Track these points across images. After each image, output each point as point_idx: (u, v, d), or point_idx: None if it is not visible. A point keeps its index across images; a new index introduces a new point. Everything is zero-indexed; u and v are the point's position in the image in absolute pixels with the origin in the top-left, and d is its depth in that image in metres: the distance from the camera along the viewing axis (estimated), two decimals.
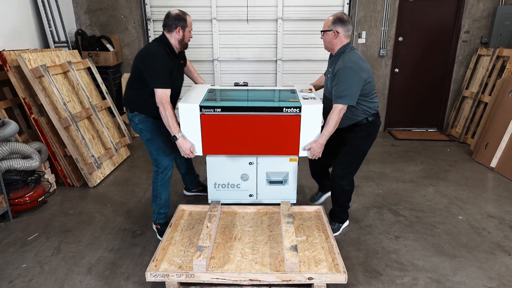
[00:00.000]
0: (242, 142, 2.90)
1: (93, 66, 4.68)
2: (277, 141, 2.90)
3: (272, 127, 2.85)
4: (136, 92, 2.84)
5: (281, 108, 2.81)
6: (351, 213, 3.47)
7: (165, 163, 2.99)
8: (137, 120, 2.90)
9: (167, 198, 3.13)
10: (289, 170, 3.32)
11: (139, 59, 2.73)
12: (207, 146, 2.91)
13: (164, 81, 2.67)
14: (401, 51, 5.85)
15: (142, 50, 2.76)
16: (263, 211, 3.33)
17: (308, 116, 2.81)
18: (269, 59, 5.75)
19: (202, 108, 2.79)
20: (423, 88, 6.06)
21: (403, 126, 6.28)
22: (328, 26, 2.75)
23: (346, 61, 2.65)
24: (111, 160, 4.51)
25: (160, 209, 3.13)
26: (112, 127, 4.77)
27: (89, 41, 5.42)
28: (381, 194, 3.90)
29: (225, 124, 2.84)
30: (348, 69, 2.62)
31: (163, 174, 3.02)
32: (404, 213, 3.51)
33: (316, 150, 2.83)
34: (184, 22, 2.75)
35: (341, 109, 2.68)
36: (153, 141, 2.94)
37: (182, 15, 2.75)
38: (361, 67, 2.66)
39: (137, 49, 5.69)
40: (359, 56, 2.73)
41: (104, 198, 3.81)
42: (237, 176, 3.36)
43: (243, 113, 2.81)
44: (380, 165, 4.72)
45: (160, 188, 3.06)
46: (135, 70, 2.77)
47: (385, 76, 5.91)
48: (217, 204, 3.26)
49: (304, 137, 2.88)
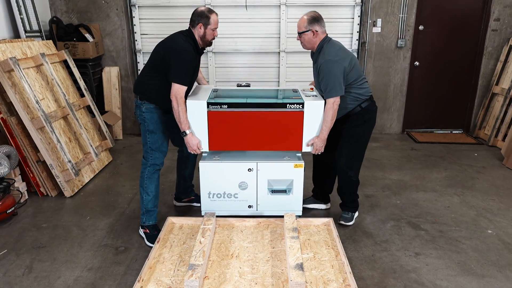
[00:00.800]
0: (247, 138, 3.25)
1: (70, 58, 4.72)
2: (281, 137, 3.23)
3: (276, 123, 3.21)
4: (151, 81, 3.10)
5: (284, 104, 3.17)
6: (364, 227, 3.50)
7: (156, 159, 3.21)
8: (144, 109, 3.12)
9: (156, 194, 3.27)
10: (294, 177, 3.36)
11: (165, 49, 3.02)
12: (214, 142, 3.25)
13: (185, 78, 2.99)
14: (422, 42, 5.89)
15: (169, 40, 3.07)
16: (264, 224, 3.35)
17: (311, 111, 3.17)
18: (271, 50, 5.79)
19: (209, 104, 3.15)
20: (446, 84, 6.10)
21: (424, 128, 6.31)
22: (304, 27, 3.14)
23: (325, 55, 3.07)
24: (91, 166, 4.54)
25: (148, 204, 3.25)
26: (91, 128, 4.80)
27: (66, 30, 5.45)
28: (399, 205, 3.93)
29: (231, 120, 3.19)
30: (327, 62, 3.04)
31: (151, 168, 3.22)
32: (425, 226, 3.54)
33: (318, 144, 3.21)
34: (206, 20, 3.06)
35: (334, 102, 3.08)
36: (153, 134, 3.15)
37: (207, 13, 3.06)
38: (340, 56, 3.06)
39: (120, 39, 5.74)
40: (337, 46, 3.15)
41: (83, 209, 3.84)
42: (235, 184, 3.38)
43: (248, 109, 3.17)
44: (398, 172, 4.75)
45: (147, 181, 3.23)
46: (156, 58, 3.07)
47: (403, 70, 5.95)
48: (211, 217, 3.28)
49: (307, 132, 3.24)
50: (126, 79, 5.90)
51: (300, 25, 3.15)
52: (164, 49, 3.03)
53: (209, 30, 3.08)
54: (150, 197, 3.27)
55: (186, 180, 3.77)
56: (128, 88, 5.93)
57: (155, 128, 3.16)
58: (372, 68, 5.90)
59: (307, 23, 3.12)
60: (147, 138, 3.18)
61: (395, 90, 6.03)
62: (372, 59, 5.86)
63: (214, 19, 3.07)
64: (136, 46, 5.74)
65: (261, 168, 3.34)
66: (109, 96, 5.83)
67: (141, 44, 5.75)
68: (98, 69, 5.75)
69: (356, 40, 5.72)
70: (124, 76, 5.90)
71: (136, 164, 4.87)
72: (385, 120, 6.18)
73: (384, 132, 6.25)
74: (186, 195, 3.84)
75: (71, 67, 4.72)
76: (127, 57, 5.83)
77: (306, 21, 3.12)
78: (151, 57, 3.14)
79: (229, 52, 5.80)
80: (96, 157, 4.49)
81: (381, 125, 6.19)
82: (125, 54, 5.82)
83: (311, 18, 3.12)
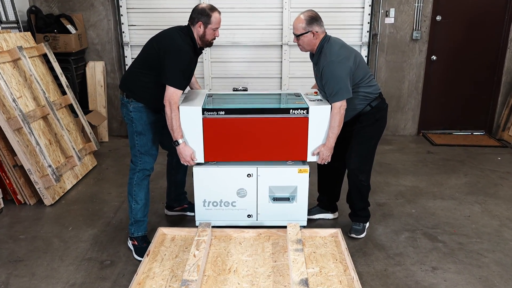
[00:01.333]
0: (246, 147, 3.23)
1: (50, 52, 4.73)
2: (284, 145, 3.24)
3: (279, 130, 3.21)
4: (142, 77, 3.07)
5: (287, 110, 3.17)
6: (376, 239, 3.50)
7: (146, 163, 3.21)
8: (132, 108, 3.10)
9: (146, 202, 3.28)
10: (298, 183, 3.36)
11: (161, 45, 3.00)
12: (210, 152, 3.25)
13: (181, 81, 3.00)
14: (440, 34, 5.90)
15: (166, 37, 3.05)
16: (265, 236, 3.35)
17: (316, 117, 3.18)
18: (272, 43, 5.80)
19: (205, 111, 3.14)
20: (467, 80, 6.10)
21: (442, 129, 6.32)
22: (303, 28, 3.12)
23: (327, 56, 3.08)
24: (73, 171, 4.54)
25: (138, 214, 3.25)
26: (74, 129, 4.80)
27: (45, 21, 5.46)
28: (414, 215, 3.93)
29: (229, 128, 3.19)
30: (331, 64, 3.04)
31: (140, 173, 3.22)
32: (443, 238, 3.54)
33: (325, 154, 3.23)
34: (207, 18, 3.03)
35: (341, 106, 3.08)
36: (141, 136, 3.14)
37: (208, 10, 3.04)
38: (343, 55, 3.07)
39: (105, 30, 5.75)
40: (338, 44, 3.15)
41: (64, 219, 3.83)
42: (232, 191, 3.38)
43: (248, 115, 3.18)
44: (413, 178, 4.75)
45: (136, 188, 3.23)
46: (150, 54, 3.05)
47: (419, 65, 5.95)
48: (207, 227, 3.28)
49: (313, 140, 3.24)
50: (113, 75, 5.91)
51: (298, 27, 3.13)
52: (159, 45, 3.01)
53: (210, 29, 3.06)
54: (140, 206, 3.26)
55: (178, 187, 3.77)
56: (114, 85, 5.94)
57: (144, 130, 3.15)
58: (385, 63, 5.91)
59: (306, 24, 3.10)
60: (135, 141, 3.17)
61: (410, 87, 6.03)
62: (384, 53, 5.87)
63: (216, 17, 3.05)
64: (123, 39, 5.75)
65: (261, 174, 3.34)
66: (94, 93, 5.84)
67: (129, 37, 5.76)
68: (81, 64, 5.75)
69: (366, 32, 5.73)
70: (110, 72, 5.91)
71: (124, 169, 4.86)
72: (398, 120, 6.18)
73: (397, 133, 6.25)
74: (179, 203, 3.84)
75: (51, 61, 4.73)
76: (113, 51, 5.84)
77: (304, 22, 3.10)
78: (144, 51, 3.12)
79: (227, 45, 5.81)
80: (79, 161, 4.48)
81: (395, 126, 6.19)
82: (111, 48, 5.83)
83: (309, 18, 3.11)
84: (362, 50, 5.77)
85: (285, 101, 3.50)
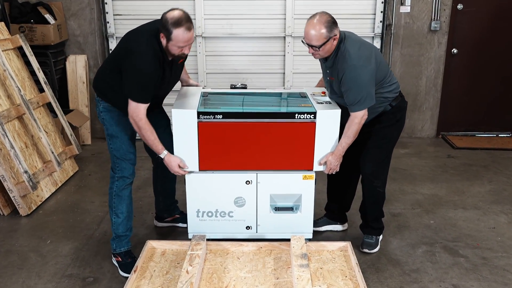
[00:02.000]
0: (246, 155, 3.23)
1: (26, 45, 4.74)
2: (288, 154, 3.24)
3: (282, 136, 3.22)
4: (109, 78, 3.07)
5: (293, 114, 3.17)
6: (390, 253, 3.52)
7: (124, 170, 3.21)
8: (102, 108, 3.14)
9: (128, 215, 3.29)
10: (303, 191, 3.38)
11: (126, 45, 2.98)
12: (205, 160, 3.25)
13: (143, 95, 2.93)
14: (461, 24, 5.91)
15: (131, 39, 3.00)
16: (267, 250, 3.37)
17: (324, 123, 3.18)
18: (274, 35, 5.82)
19: (201, 114, 3.13)
20: (492, 77, 6.11)
21: (464, 130, 6.33)
22: (324, 37, 2.99)
23: (347, 59, 3.01)
24: (52, 178, 4.56)
25: (119, 228, 3.26)
26: (53, 131, 4.82)
27: (21, 10, 5.48)
28: (432, 226, 3.95)
29: (227, 133, 3.19)
30: (353, 69, 2.99)
31: (119, 182, 3.23)
32: (465, 252, 3.56)
33: (333, 163, 3.23)
34: (167, 33, 2.84)
35: (362, 116, 3.08)
36: (114, 138, 3.16)
37: (170, 26, 2.81)
38: (364, 56, 3.02)
39: (88, 20, 5.77)
40: (357, 43, 3.09)
41: (42, 231, 3.85)
42: (229, 200, 3.40)
43: (248, 120, 3.18)
44: (432, 185, 4.77)
45: (116, 200, 3.24)
46: (117, 53, 3.04)
47: (438, 59, 5.97)
48: (201, 240, 3.29)
49: (320, 148, 3.24)
50: (96, 70, 5.88)
51: (318, 37, 2.97)
52: (125, 44, 3.00)
53: (173, 46, 2.88)
54: (121, 220, 3.27)
55: (167, 196, 3.78)
56: None
57: (115, 131, 3.16)
58: (400, 57, 5.93)
59: (327, 31, 2.96)
60: (110, 145, 3.21)
61: (428, 83, 6.05)
62: (399, 45, 5.89)
63: (177, 36, 2.82)
64: (108, 30, 5.77)
65: (261, 180, 3.35)
66: (75, 91, 5.86)
67: (114, 27, 5.79)
68: (61, 57, 5.77)
69: (379, 22, 5.75)
70: (93, 67, 5.93)
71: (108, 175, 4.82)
72: (415, 121, 6.20)
73: (414, 135, 6.26)
74: (169, 213, 3.86)
75: (27, 55, 4.75)
76: (96, 43, 5.86)
77: (326, 30, 2.95)
78: (115, 48, 3.13)
79: (223, 37, 5.84)
80: (59, 166, 4.50)
81: (411, 127, 6.21)
82: (94, 40, 5.85)
83: (330, 24, 2.96)
84: (374, 42, 5.79)
85: (290, 103, 3.49)
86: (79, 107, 5.87)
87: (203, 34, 5.78)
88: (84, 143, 5.88)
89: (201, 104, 3.30)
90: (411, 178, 4.92)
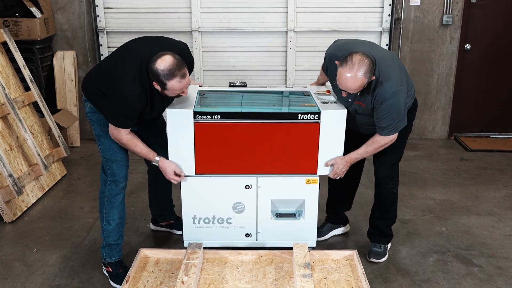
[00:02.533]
0: (246, 158, 3.23)
1: (11, 40, 4.75)
2: (290, 156, 3.23)
3: (284, 138, 3.22)
4: (99, 81, 3.06)
5: (295, 114, 3.16)
6: (399, 262, 3.52)
7: (115, 172, 3.21)
8: (89, 108, 3.17)
9: (120, 222, 3.28)
10: (306, 197, 3.38)
11: (115, 67, 2.94)
12: (202, 163, 3.25)
13: (123, 122, 2.96)
14: (475, 18, 5.91)
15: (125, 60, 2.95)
16: (267, 259, 3.36)
17: (329, 124, 3.17)
18: (276, 29, 5.83)
19: (197, 114, 3.13)
20: (507, 74, 6.12)
21: (478, 131, 6.33)
22: (364, 84, 2.88)
23: (384, 87, 2.93)
24: (38, 182, 4.56)
25: (110, 236, 3.25)
26: (39, 132, 4.82)
27: (5, 3, 5.48)
28: (444, 234, 3.95)
29: (225, 135, 3.20)
30: (393, 98, 2.94)
31: (111, 186, 3.22)
32: (479, 261, 3.56)
33: (340, 168, 3.25)
34: (162, 85, 2.82)
35: (391, 140, 3.12)
36: (103, 139, 3.17)
37: (163, 78, 2.78)
38: (398, 76, 2.99)
39: (77, 14, 5.76)
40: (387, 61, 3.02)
41: (28, 238, 3.85)
42: (228, 205, 3.40)
43: (247, 120, 3.17)
44: (443, 190, 4.77)
45: (107, 205, 3.23)
46: (111, 61, 3.06)
47: (450, 56, 5.98)
48: (197, 248, 3.29)
49: (324, 150, 3.24)
50: (85, 67, 5.93)
51: (358, 88, 2.89)
52: (117, 63, 2.96)
53: (168, 93, 2.90)
54: (112, 227, 3.26)
55: (161, 200, 3.79)
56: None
57: (103, 132, 3.15)
58: (409, 53, 5.94)
59: (367, 76, 2.85)
60: (98, 145, 3.23)
61: (440, 81, 6.06)
62: (408, 40, 5.90)
63: (173, 87, 2.83)
64: (98, 24, 5.77)
65: (262, 185, 3.36)
66: (63, 89, 5.86)
67: (104, 21, 5.79)
68: (48, 54, 5.77)
69: (388, 16, 5.75)
70: (82, 63, 5.94)
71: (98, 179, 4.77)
72: (426, 121, 6.21)
73: (424, 137, 6.27)
74: (164, 218, 3.87)
75: (12, 51, 4.75)
76: (86, 38, 5.87)
77: (366, 80, 2.86)
78: (110, 56, 3.14)
79: (221, 32, 5.84)
80: (46, 170, 4.50)
81: (421, 128, 6.21)
82: (83, 34, 5.85)
83: (370, 67, 2.84)
84: (382, 37, 5.80)
85: (292, 103, 3.49)
86: (68, 107, 5.87)
87: (199, 28, 5.78)
88: (73, 144, 5.88)
89: (198, 103, 3.30)
90: (421, 183, 4.93)
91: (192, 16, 5.74)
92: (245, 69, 5.91)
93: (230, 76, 5.78)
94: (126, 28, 5.73)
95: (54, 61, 5.83)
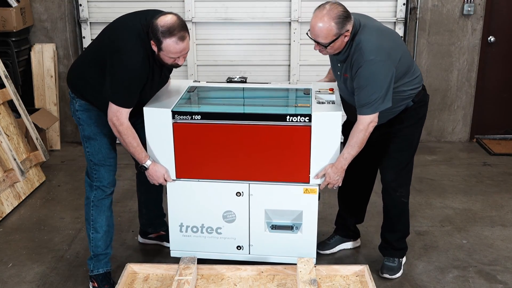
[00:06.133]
0: (233, 162, 3.21)
1: None
2: (279, 163, 3.21)
3: (273, 142, 3.19)
4: (88, 74, 3.10)
5: (283, 116, 3.12)
6: (415, 278, 3.53)
7: (102, 178, 3.23)
8: (77, 106, 3.16)
9: (108, 229, 3.30)
10: (304, 208, 3.36)
11: (111, 41, 2.99)
12: (182, 167, 3.27)
13: (126, 98, 2.99)
14: (500, 7, 5.90)
15: (118, 36, 3.00)
16: (269, 275, 3.36)
17: (321, 127, 3.12)
18: (278, 20, 5.84)
19: (176, 114, 3.14)
20: None
21: (502, 133, 6.33)
22: (334, 35, 2.97)
23: (363, 53, 2.97)
24: (14, 189, 4.56)
25: (98, 245, 3.27)
26: (15, 134, 4.82)
27: None
28: (465, 247, 3.95)
29: (207, 137, 3.20)
30: (370, 65, 2.95)
31: (98, 192, 3.24)
32: (504, 277, 3.55)
33: (333, 177, 3.20)
34: (158, 42, 2.90)
35: (370, 122, 3.04)
36: (92, 141, 3.18)
37: (160, 35, 2.86)
38: (386, 48, 3.00)
39: (56, 3, 5.76)
40: (374, 29, 3.07)
41: (3, 252, 3.85)
42: (217, 214, 3.40)
43: (230, 122, 3.16)
44: (464, 198, 4.77)
45: (94, 212, 3.25)
46: (99, 47, 3.09)
47: (471, 49, 5.98)
48: (191, 263, 3.29)
49: (317, 157, 3.20)
50: (66, 62, 5.93)
51: (325, 34, 2.95)
52: (111, 38, 3.03)
53: (164, 56, 2.96)
54: (100, 235, 3.29)
55: (151, 208, 3.80)
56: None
57: (93, 133, 3.18)
58: (426, 46, 5.94)
59: (337, 27, 2.93)
60: (86, 149, 3.23)
61: (460, 78, 6.06)
62: (426, 32, 5.90)
63: (168, 47, 2.89)
64: (80, 14, 5.78)
65: (255, 192, 3.34)
66: (41, 86, 5.87)
67: (87, 11, 5.80)
68: (25, 47, 5.78)
69: (402, 5, 5.76)
70: (63, 58, 5.94)
71: (81, 186, 4.81)
72: (444, 122, 6.20)
73: (443, 139, 6.26)
74: (154, 228, 3.87)
75: None
76: (67, 30, 5.87)
77: (336, 26, 2.92)
78: (96, 40, 3.17)
79: (217, 23, 5.85)
80: (22, 176, 4.51)
81: (439, 129, 6.20)
82: (64, 26, 5.86)
83: (341, 19, 2.93)
84: (397, 28, 5.80)
85: (286, 103, 3.47)
86: (47, 106, 5.88)
87: (193, 19, 5.79)
88: (53, 148, 5.88)
89: (181, 101, 3.29)
90: (440, 190, 4.93)
91: (185, 5, 5.74)
92: (244, 64, 5.92)
93: (227, 71, 5.74)
94: (111, 18, 5.52)
95: (32, 55, 5.83)
